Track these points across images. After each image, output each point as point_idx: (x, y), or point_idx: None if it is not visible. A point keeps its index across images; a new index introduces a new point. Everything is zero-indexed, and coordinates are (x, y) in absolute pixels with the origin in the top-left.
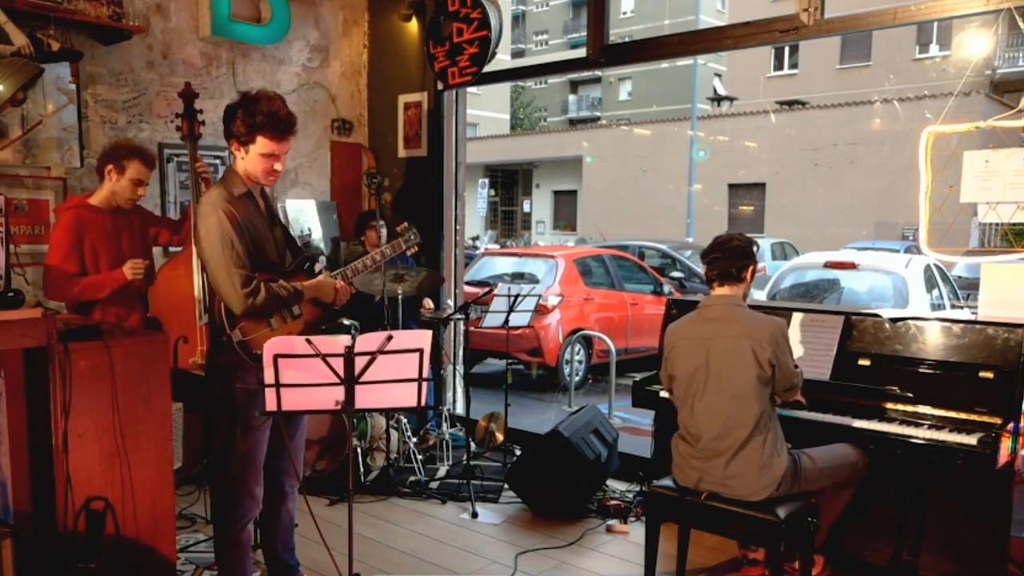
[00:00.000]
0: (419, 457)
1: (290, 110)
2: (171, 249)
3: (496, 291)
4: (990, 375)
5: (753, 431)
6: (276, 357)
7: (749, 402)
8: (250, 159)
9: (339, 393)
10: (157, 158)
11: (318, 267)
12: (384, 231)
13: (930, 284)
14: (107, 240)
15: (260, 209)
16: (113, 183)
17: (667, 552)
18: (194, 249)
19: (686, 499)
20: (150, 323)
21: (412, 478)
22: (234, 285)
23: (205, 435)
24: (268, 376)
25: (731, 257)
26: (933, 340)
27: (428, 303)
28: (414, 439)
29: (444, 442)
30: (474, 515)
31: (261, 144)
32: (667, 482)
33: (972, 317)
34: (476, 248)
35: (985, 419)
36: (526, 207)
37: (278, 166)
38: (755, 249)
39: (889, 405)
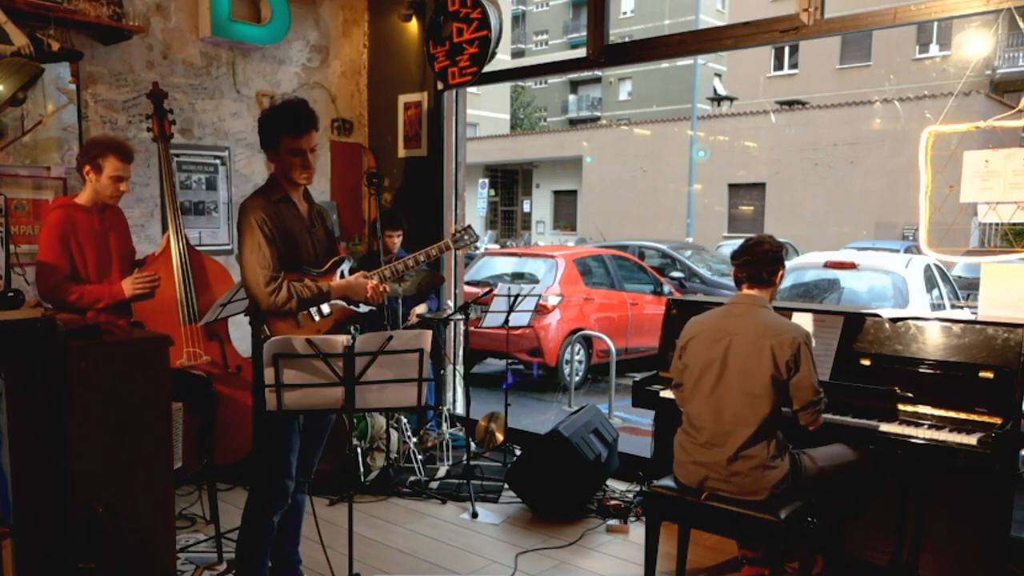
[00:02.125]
0: (419, 457)
1: (308, 108)
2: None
3: (496, 291)
4: (990, 375)
5: (758, 431)
6: (276, 357)
7: (760, 402)
8: (281, 161)
9: (339, 393)
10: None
11: (346, 267)
12: (399, 240)
13: (930, 284)
14: (94, 239)
15: (299, 213)
16: (93, 183)
17: (667, 552)
18: (173, 251)
19: (686, 499)
20: (134, 327)
21: (412, 478)
22: (259, 283)
23: (205, 435)
24: (268, 376)
25: (763, 262)
26: (933, 340)
27: (418, 310)
28: (414, 439)
29: (444, 442)
30: (474, 515)
31: (285, 144)
32: (667, 482)
33: (972, 317)
34: (476, 248)
35: (985, 419)
36: (526, 207)
37: (308, 160)
38: (784, 254)
39: (889, 405)
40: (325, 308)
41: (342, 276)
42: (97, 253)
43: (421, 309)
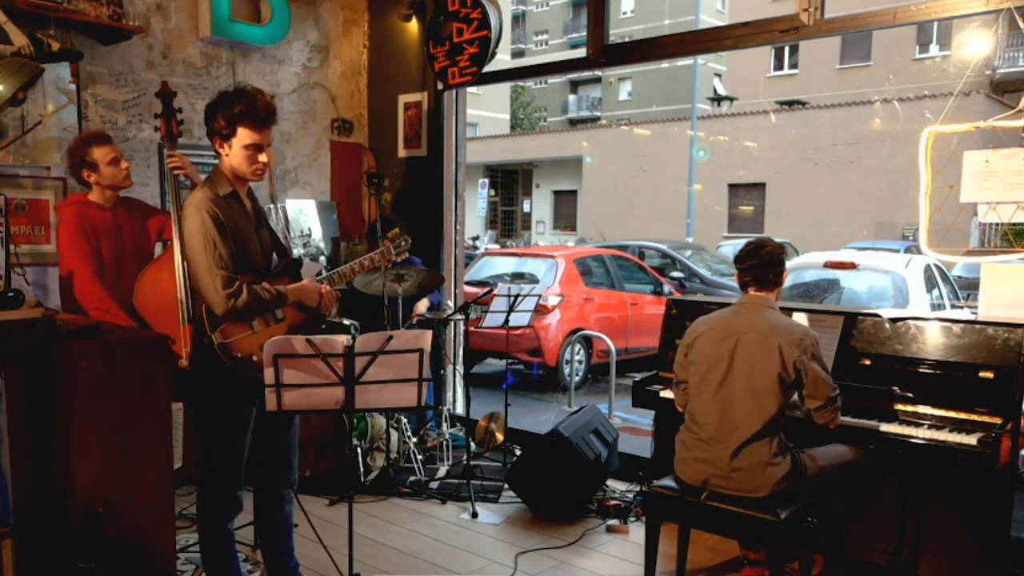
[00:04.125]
0: (419, 457)
1: (269, 101)
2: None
3: (496, 291)
4: (990, 375)
5: (761, 429)
6: (276, 357)
7: (766, 400)
8: (234, 153)
9: (339, 393)
10: (160, 150)
11: (316, 267)
12: None
13: (930, 284)
14: (109, 235)
15: (246, 210)
16: (99, 180)
17: (667, 552)
18: (176, 251)
19: (686, 499)
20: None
21: (412, 478)
22: (215, 286)
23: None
24: (268, 376)
25: (768, 264)
26: (933, 340)
27: (420, 307)
28: (414, 439)
29: (444, 442)
30: (474, 515)
31: (242, 135)
32: (667, 482)
33: (972, 317)
34: (476, 248)
35: (985, 419)
36: (526, 207)
37: (263, 158)
38: (785, 255)
39: (889, 405)
40: (279, 313)
41: (295, 279)
42: (111, 250)
43: (423, 306)
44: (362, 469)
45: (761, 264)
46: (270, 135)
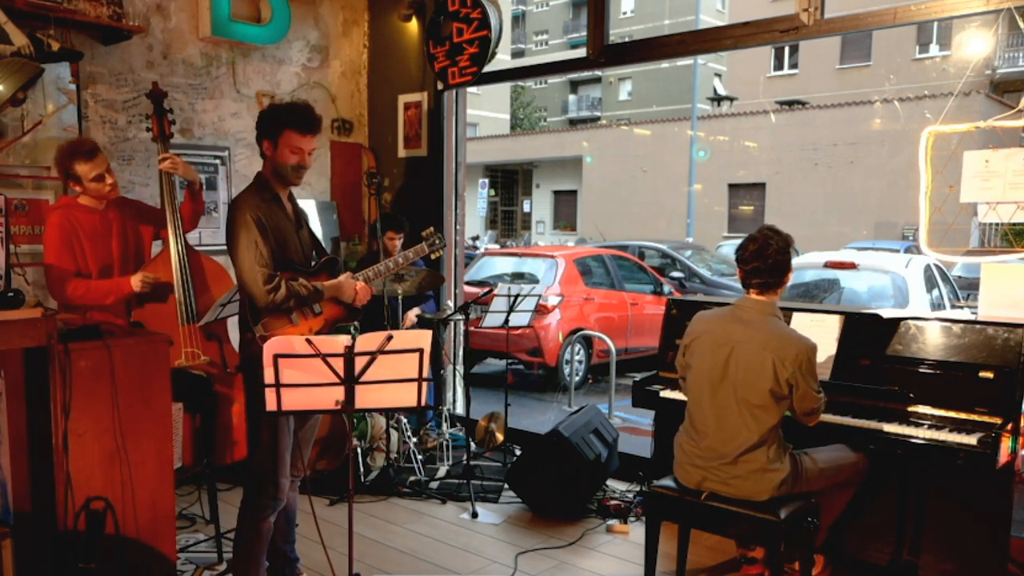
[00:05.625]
0: (419, 457)
1: (319, 115)
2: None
3: (496, 291)
4: (990, 375)
5: (759, 440)
6: (276, 357)
7: (761, 412)
8: (279, 155)
9: (339, 393)
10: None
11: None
12: (399, 243)
13: (930, 284)
14: (95, 239)
15: (287, 212)
16: (83, 191)
17: (667, 552)
18: (172, 251)
19: (686, 499)
20: (134, 327)
21: (412, 478)
22: (257, 282)
23: (205, 435)
24: (268, 376)
25: (774, 268)
26: (933, 340)
27: (411, 316)
28: (414, 439)
29: (444, 442)
30: (474, 515)
31: (287, 138)
32: (667, 482)
33: (972, 317)
34: (476, 248)
35: (985, 419)
36: (526, 207)
37: (306, 160)
38: (792, 250)
39: (889, 405)
40: (317, 307)
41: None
42: (97, 253)
43: (413, 315)
44: (362, 469)
45: (767, 268)
46: (313, 142)
